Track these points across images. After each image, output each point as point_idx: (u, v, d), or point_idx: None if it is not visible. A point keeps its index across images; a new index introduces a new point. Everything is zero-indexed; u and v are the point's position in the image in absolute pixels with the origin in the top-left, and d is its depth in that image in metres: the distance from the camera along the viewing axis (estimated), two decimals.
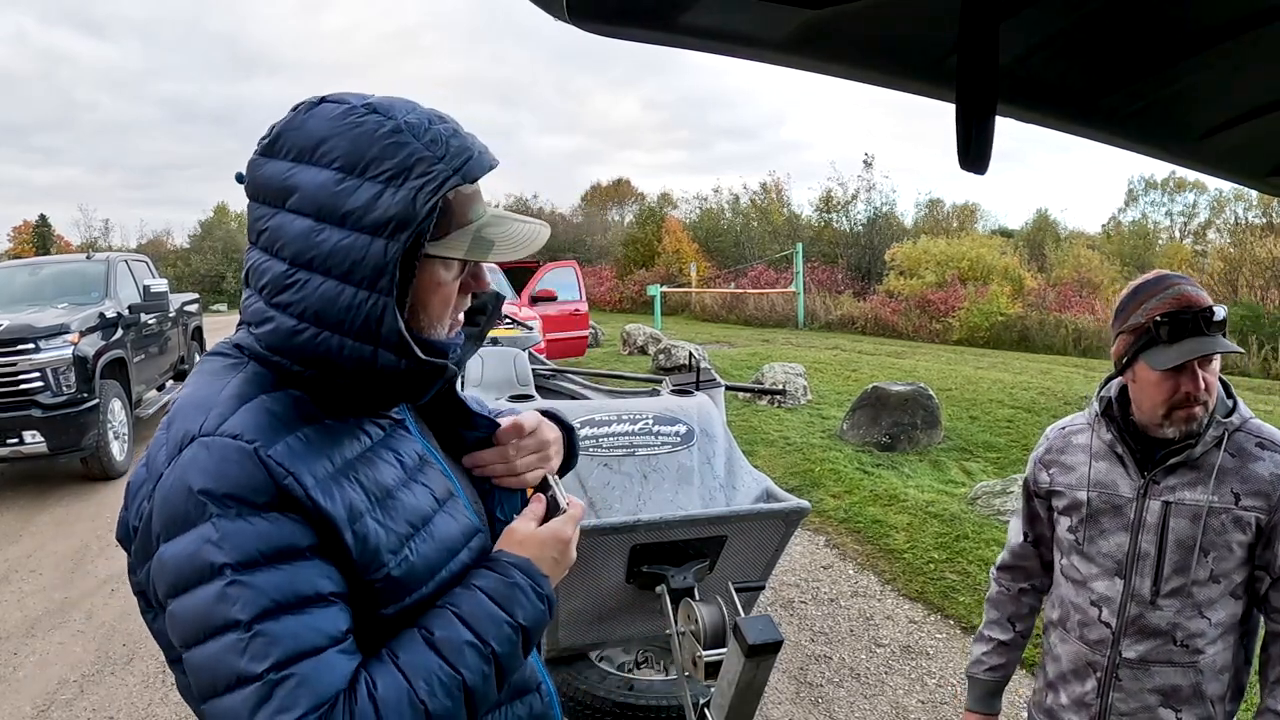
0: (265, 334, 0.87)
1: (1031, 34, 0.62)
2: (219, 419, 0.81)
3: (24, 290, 7.74)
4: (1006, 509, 5.20)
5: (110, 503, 6.21)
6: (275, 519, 0.79)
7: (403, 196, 0.83)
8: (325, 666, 0.78)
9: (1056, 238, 31.74)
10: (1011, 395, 9.02)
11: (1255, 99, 0.70)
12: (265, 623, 0.76)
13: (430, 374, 0.90)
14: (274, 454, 0.80)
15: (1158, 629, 1.50)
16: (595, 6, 0.60)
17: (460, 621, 0.87)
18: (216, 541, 0.77)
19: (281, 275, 0.85)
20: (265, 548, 0.78)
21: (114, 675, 3.66)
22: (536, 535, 0.97)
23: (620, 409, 2.79)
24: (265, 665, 0.75)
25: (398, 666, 0.82)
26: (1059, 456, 1.67)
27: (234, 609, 0.76)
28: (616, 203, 45.25)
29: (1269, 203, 20.54)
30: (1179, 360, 1.40)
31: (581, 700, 2.63)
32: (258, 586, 0.77)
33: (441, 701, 0.82)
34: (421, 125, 0.86)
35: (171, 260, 41.56)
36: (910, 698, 3.33)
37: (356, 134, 0.84)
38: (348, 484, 0.85)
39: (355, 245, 0.83)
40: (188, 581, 0.78)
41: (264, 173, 0.88)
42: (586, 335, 12.56)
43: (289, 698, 0.75)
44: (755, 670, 1.84)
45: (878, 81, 0.71)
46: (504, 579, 0.92)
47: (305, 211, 0.84)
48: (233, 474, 0.78)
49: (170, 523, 0.79)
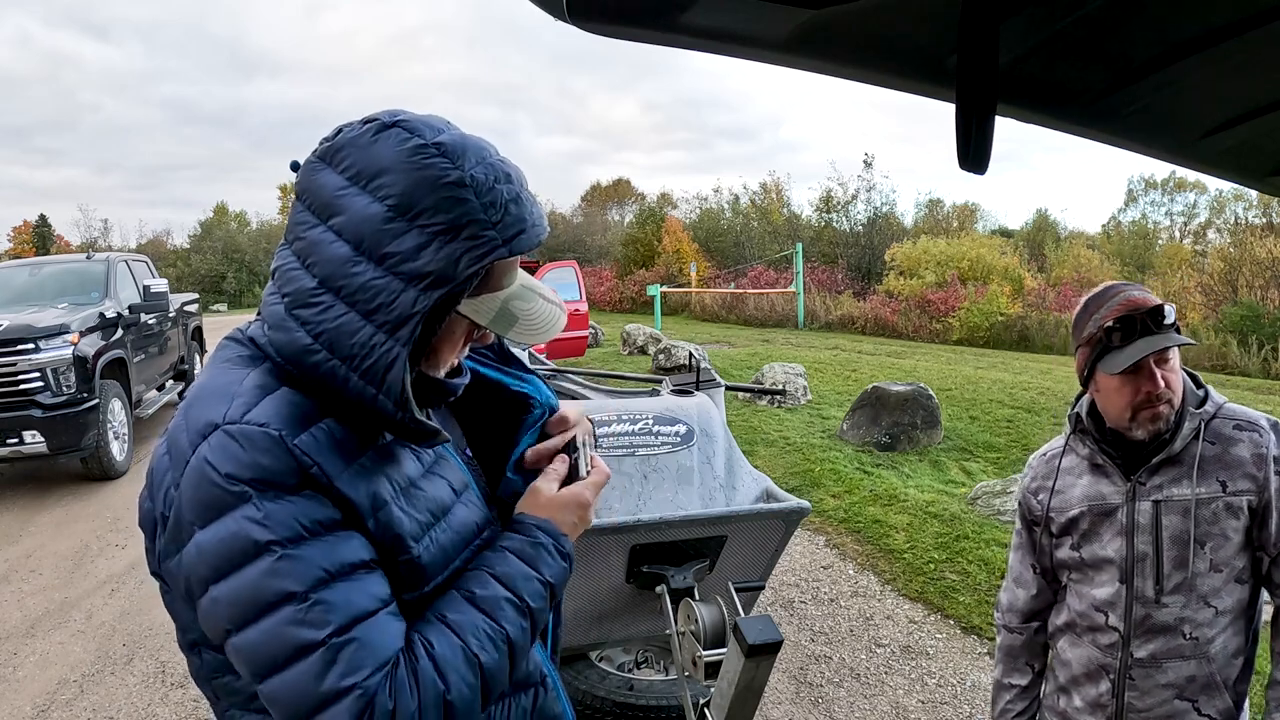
0: (281, 342, 0.87)
1: (1031, 34, 0.62)
2: (244, 407, 0.82)
3: (24, 290, 7.74)
4: (1006, 509, 5.20)
5: (110, 503, 6.21)
6: (310, 495, 0.82)
7: (446, 254, 0.82)
8: (381, 628, 0.81)
9: (1056, 238, 31.79)
10: (1011, 395, 9.02)
11: (1255, 99, 0.70)
12: (320, 591, 0.79)
13: (422, 429, 0.90)
14: (300, 443, 0.82)
15: (1166, 625, 1.50)
16: (595, 6, 0.60)
17: (496, 580, 0.92)
18: (260, 520, 0.78)
19: (307, 292, 0.85)
20: (307, 521, 0.80)
21: (114, 675, 3.65)
22: (558, 498, 1.01)
23: (620, 409, 2.79)
24: (327, 631, 0.78)
25: (448, 625, 0.87)
26: (1045, 482, 1.68)
27: (287, 582, 0.78)
28: (616, 203, 45.28)
29: (1269, 203, 20.54)
30: (1131, 360, 1.42)
31: (581, 700, 2.63)
32: (307, 558, 0.79)
33: (491, 654, 0.87)
34: (485, 184, 0.84)
35: (171, 260, 41.56)
36: (910, 698, 3.33)
37: (419, 176, 0.82)
38: (372, 474, 0.87)
39: (388, 288, 0.82)
40: (233, 563, 0.78)
41: (317, 180, 0.87)
42: (586, 335, 12.56)
43: (355, 659, 0.78)
44: (755, 670, 1.84)
45: (878, 81, 0.71)
46: (529, 539, 0.96)
47: (347, 237, 0.84)
48: (263, 460, 0.80)
49: (204, 510, 0.80)
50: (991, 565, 4.47)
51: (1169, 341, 1.42)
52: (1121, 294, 1.48)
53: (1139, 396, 1.46)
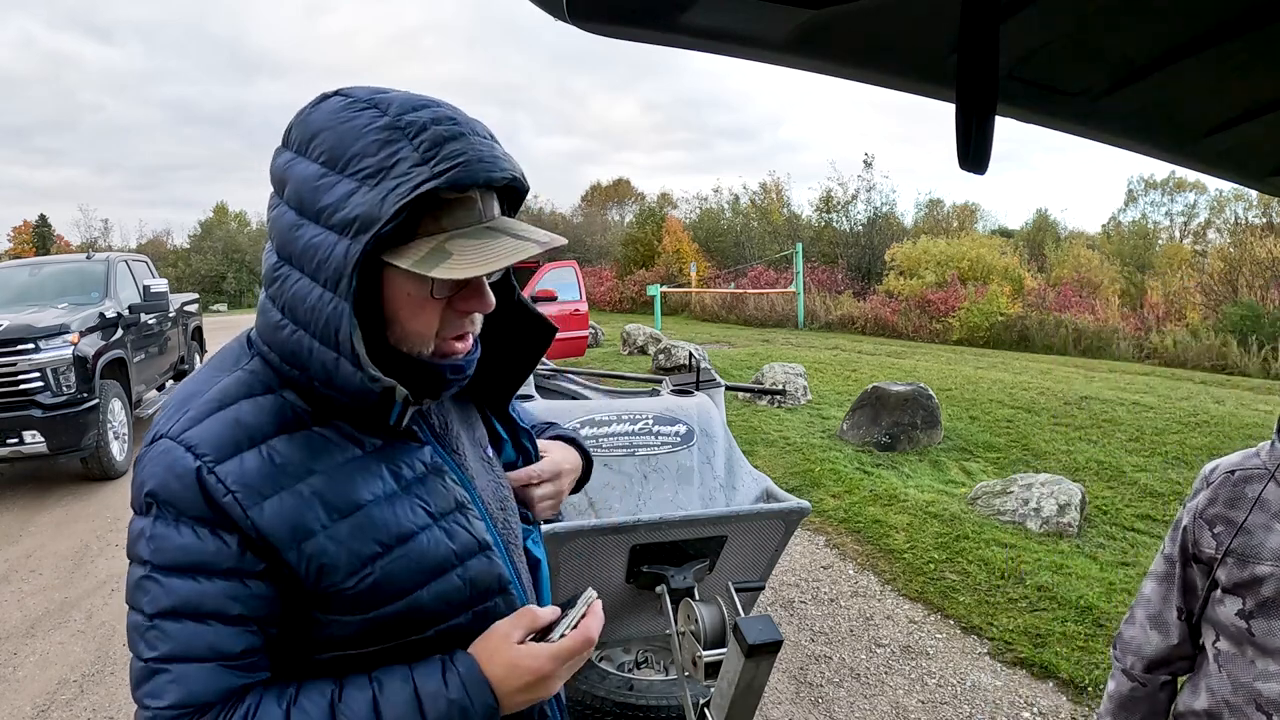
0: (260, 327, 0.88)
1: (1031, 34, 0.62)
2: (187, 424, 0.83)
3: (24, 290, 7.73)
4: (1006, 509, 5.20)
5: (110, 503, 6.21)
6: (204, 534, 0.81)
7: (373, 196, 0.77)
8: (201, 675, 0.81)
9: (1056, 238, 31.78)
10: (1011, 395, 9.02)
11: (1255, 99, 0.70)
12: (164, 620, 0.81)
13: (384, 396, 0.85)
14: (220, 471, 0.81)
15: None
16: (595, 6, 0.60)
17: (373, 707, 0.81)
18: (148, 538, 0.82)
19: (271, 268, 0.85)
20: (184, 559, 0.81)
21: (114, 675, 3.65)
22: (511, 653, 0.86)
23: (620, 409, 2.79)
24: (153, 654, 0.81)
25: (288, 713, 0.81)
26: (1229, 512, 1.25)
27: (143, 599, 0.82)
28: (616, 203, 45.30)
29: (1269, 203, 20.54)
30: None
31: (581, 700, 2.63)
32: (168, 588, 0.81)
33: None
34: (419, 124, 0.79)
35: (171, 260, 41.57)
36: (910, 698, 3.33)
37: (347, 128, 0.80)
38: (302, 502, 0.82)
39: (324, 243, 0.79)
40: (129, 556, 0.86)
41: (275, 163, 0.87)
42: (586, 335, 12.56)
43: (160, 688, 0.81)
44: (755, 670, 1.84)
45: (878, 81, 0.71)
46: (446, 690, 0.83)
47: (292, 204, 0.83)
48: (172, 485, 0.81)
49: (134, 502, 0.86)
50: (991, 565, 4.47)
51: None
52: None
53: None
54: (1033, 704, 3.25)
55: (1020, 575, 4.32)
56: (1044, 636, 3.72)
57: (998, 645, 3.71)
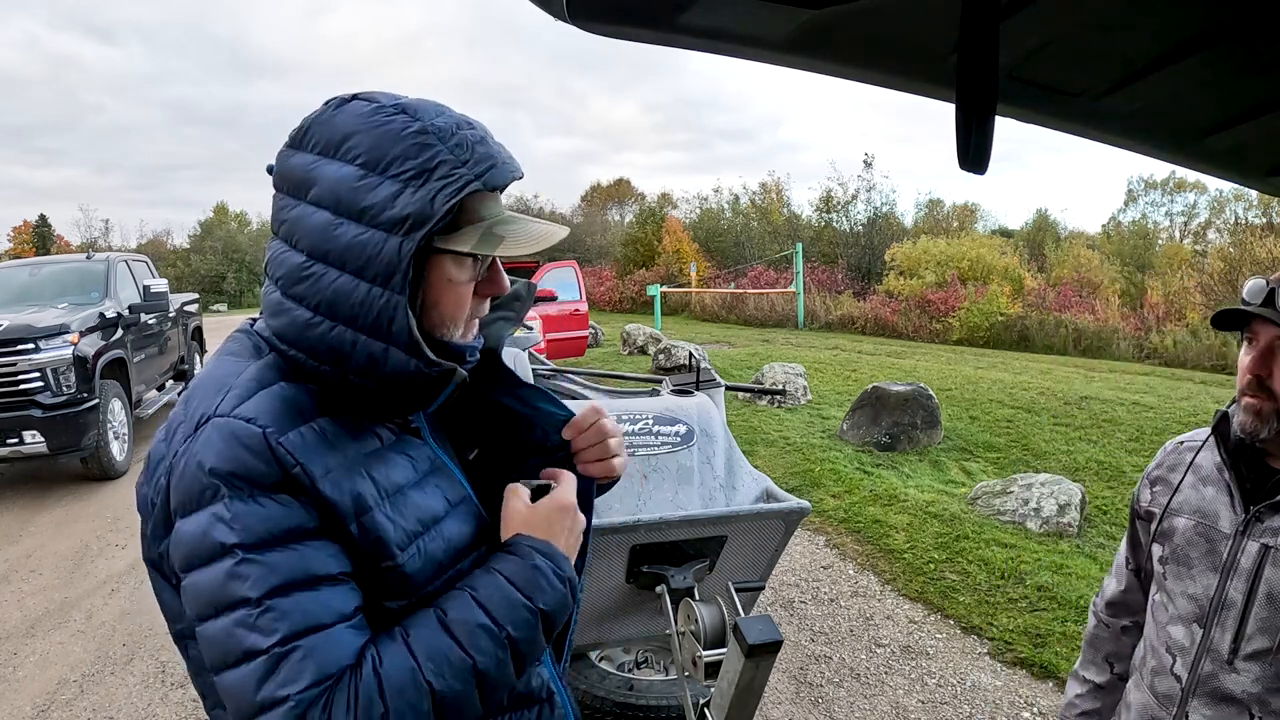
0: (282, 326, 0.88)
1: (1031, 34, 0.62)
2: (236, 401, 0.83)
3: (24, 290, 7.73)
4: (1006, 509, 5.20)
5: (110, 503, 6.21)
6: (285, 500, 0.81)
7: (421, 196, 0.83)
8: (332, 642, 0.79)
9: (1056, 238, 31.78)
10: (1011, 395, 9.02)
11: (1255, 99, 0.70)
12: (274, 599, 0.78)
13: (439, 379, 0.89)
14: (285, 442, 0.81)
15: (1231, 696, 1.25)
16: (595, 7, 0.60)
17: (476, 604, 0.86)
18: (228, 521, 0.78)
19: (298, 267, 0.86)
20: (275, 529, 0.80)
21: (114, 675, 3.65)
22: (540, 510, 0.96)
23: (620, 409, 2.79)
24: (272, 640, 0.77)
25: (408, 645, 0.83)
26: (1169, 475, 1.42)
27: (244, 586, 0.78)
28: (616, 203, 45.30)
29: (1269, 203, 20.53)
30: (1234, 319, 1.23)
31: (581, 700, 2.63)
32: (267, 564, 0.78)
33: (449, 683, 0.82)
34: (449, 129, 0.86)
35: (171, 260, 41.59)
36: (910, 698, 3.33)
37: (382, 132, 0.84)
38: (358, 477, 0.86)
39: (371, 241, 0.83)
40: (200, 559, 0.79)
41: (290, 164, 0.89)
42: (586, 335, 12.56)
43: (294, 671, 0.77)
44: (755, 670, 1.84)
45: (878, 81, 0.71)
46: (524, 562, 0.91)
47: (325, 204, 0.85)
48: (244, 457, 0.80)
49: (185, 499, 0.80)
50: (991, 565, 4.47)
51: (1275, 318, 1.19)
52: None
53: (1244, 376, 1.24)
54: (1033, 704, 3.25)
55: (1020, 575, 4.32)
56: (1044, 636, 3.72)
57: (998, 645, 3.71)
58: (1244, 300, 1.25)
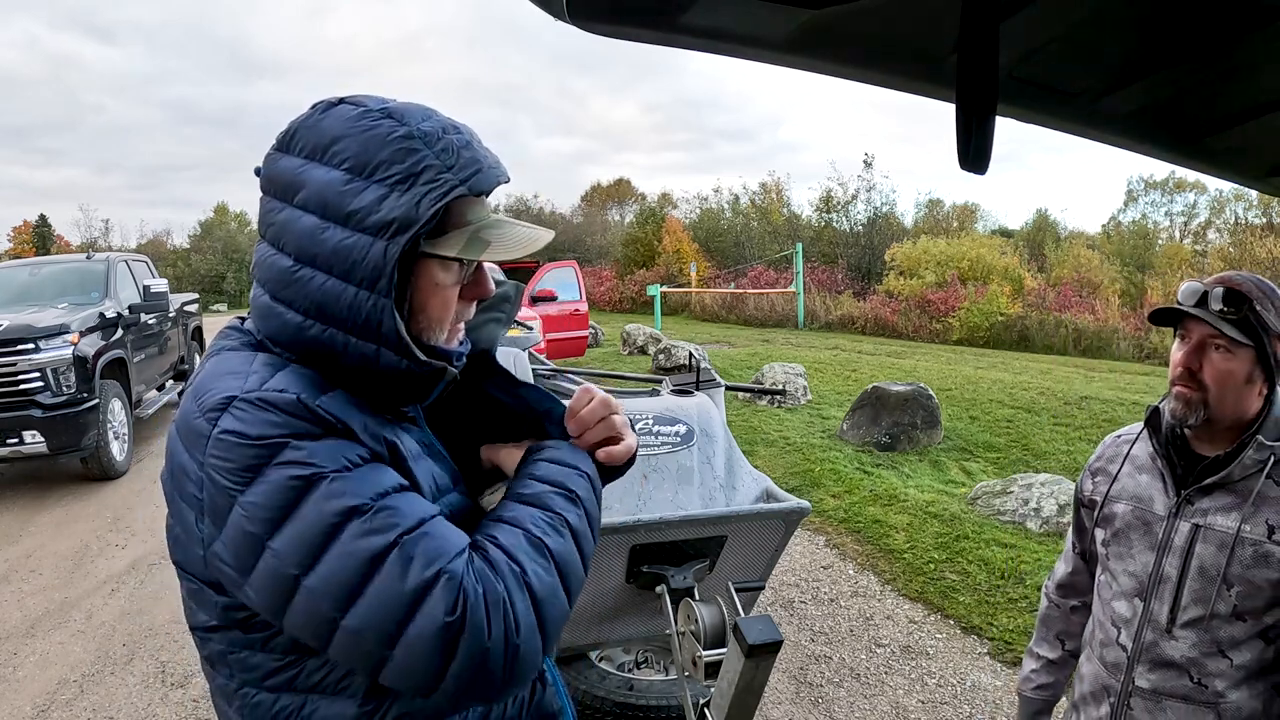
0: (274, 330, 0.88)
1: (1031, 34, 0.62)
2: (261, 380, 0.83)
3: (24, 290, 7.73)
4: (1006, 509, 5.20)
5: (110, 503, 6.21)
6: (341, 439, 0.83)
7: (406, 200, 0.83)
8: (444, 526, 0.83)
9: (1056, 238, 31.76)
10: (1011, 395, 9.02)
11: (1255, 99, 0.70)
12: (385, 499, 0.80)
13: (431, 376, 0.91)
14: (322, 403, 0.83)
15: (1172, 661, 1.39)
16: (595, 7, 0.60)
17: (535, 480, 0.94)
18: (303, 460, 0.79)
19: (286, 271, 0.87)
20: (350, 454, 0.82)
21: (114, 675, 3.65)
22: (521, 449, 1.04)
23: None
24: (397, 532, 0.79)
25: (503, 520, 0.89)
26: (1108, 465, 1.56)
27: (346, 499, 0.78)
28: (616, 203, 45.30)
29: (1269, 203, 20.53)
30: (1167, 318, 1.35)
31: (581, 700, 2.63)
32: (363, 478, 0.81)
33: (554, 538, 0.88)
34: (435, 134, 0.86)
35: (171, 260, 41.57)
36: (910, 698, 3.33)
37: (368, 136, 0.85)
38: (388, 435, 0.89)
39: (357, 245, 0.84)
40: (287, 506, 0.77)
41: (277, 168, 0.89)
42: (586, 335, 12.56)
43: (432, 549, 0.79)
44: (755, 670, 1.84)
45: (878, 81, 0.71)
46: (553, 447, 1.00)
47: (311, 208, 0.86)
48: (288, 420, 0.80)
49: (241, 474, 0.78)
50: (991, 565, 4.47)
51: (1206, 317, 1.30)
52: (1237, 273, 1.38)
53: (1177, 368, 1.37)
54: None
55: (1020, 575, 4.32)
56: None
57: (998, 645, 3.71)
58: (1179, 301, 1.37)
